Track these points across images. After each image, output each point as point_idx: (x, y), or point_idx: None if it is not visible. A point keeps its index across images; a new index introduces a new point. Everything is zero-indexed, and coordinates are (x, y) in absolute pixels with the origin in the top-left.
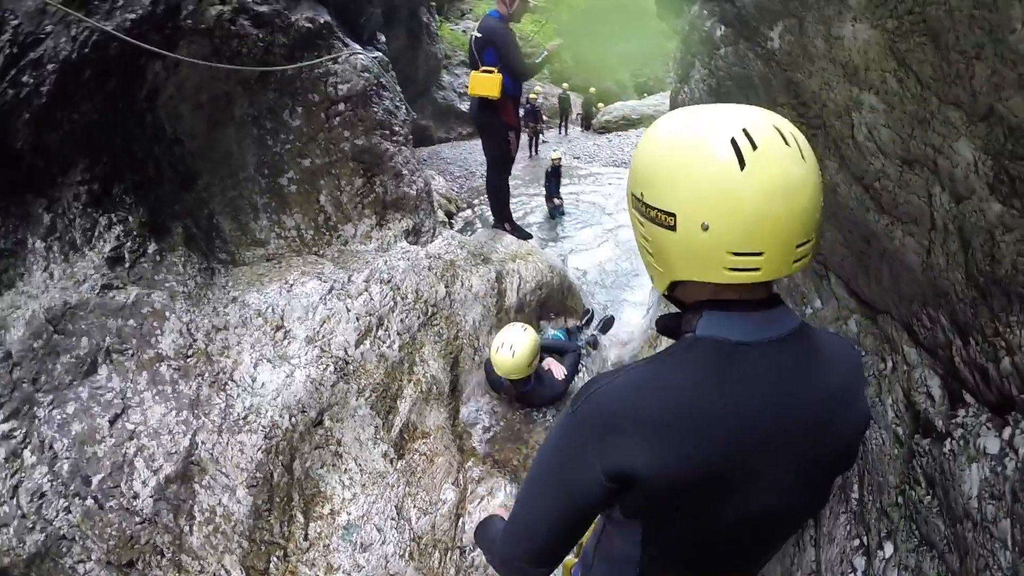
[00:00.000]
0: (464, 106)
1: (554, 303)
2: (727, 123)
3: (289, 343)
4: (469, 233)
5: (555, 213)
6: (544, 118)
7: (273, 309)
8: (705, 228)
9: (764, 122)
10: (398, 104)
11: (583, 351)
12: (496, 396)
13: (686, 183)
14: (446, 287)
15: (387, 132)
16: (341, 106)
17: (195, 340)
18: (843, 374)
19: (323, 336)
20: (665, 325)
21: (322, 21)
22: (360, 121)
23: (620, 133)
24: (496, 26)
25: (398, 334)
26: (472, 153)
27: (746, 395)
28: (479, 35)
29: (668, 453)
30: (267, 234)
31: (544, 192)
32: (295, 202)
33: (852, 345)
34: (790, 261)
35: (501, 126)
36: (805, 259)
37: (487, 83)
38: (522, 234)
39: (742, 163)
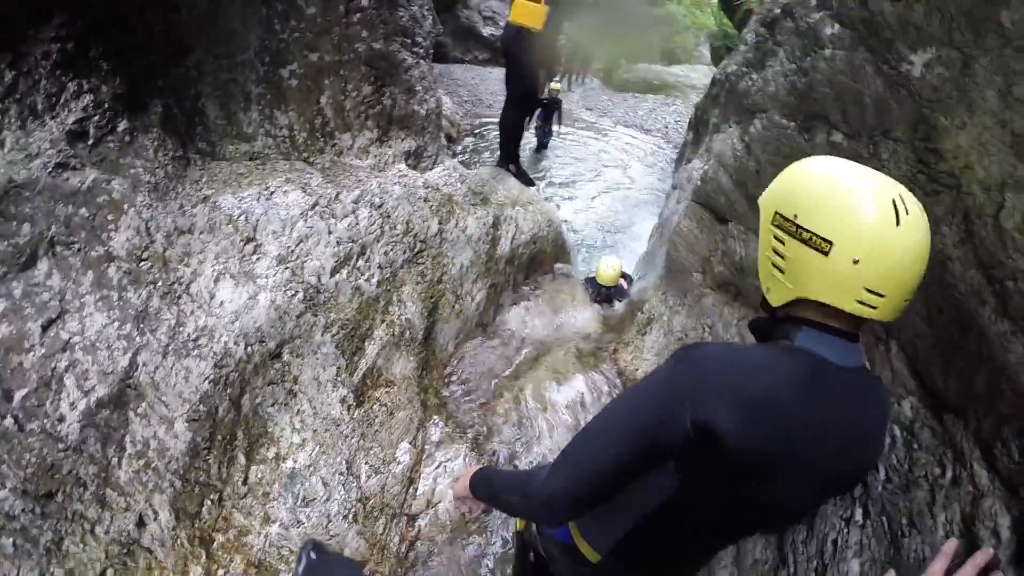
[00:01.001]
0: (486, 31)
1: (545, 258)
2: (888, 186)
3: (258, 259)
4: (471, 166)
5: (543, 143)
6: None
7: (247, 217)
8: (856, 262)
9: (910, 196)
10: (426, 13)
11: None
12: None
13: (851, 221)
14: (439, 223)
15: (408, 41)
16: (365, 1)
17: (153, 241)
18: (879, 418)
19: (297, 257)
20: (758, 327)
21: None
22: (382, 23)
23: (637, 95)
24: None
25: (379, 267)
26: (485, 80)
27: (824, 407)
28: None
29: (752, 428)
30: (256, 129)
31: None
32: (293, 98)
33: (886, 391)
34: (896, 311)
35: (533, 62)
36: (901, 314)
37: (532, 13)
38: (526, 180)
39: (898, 221)
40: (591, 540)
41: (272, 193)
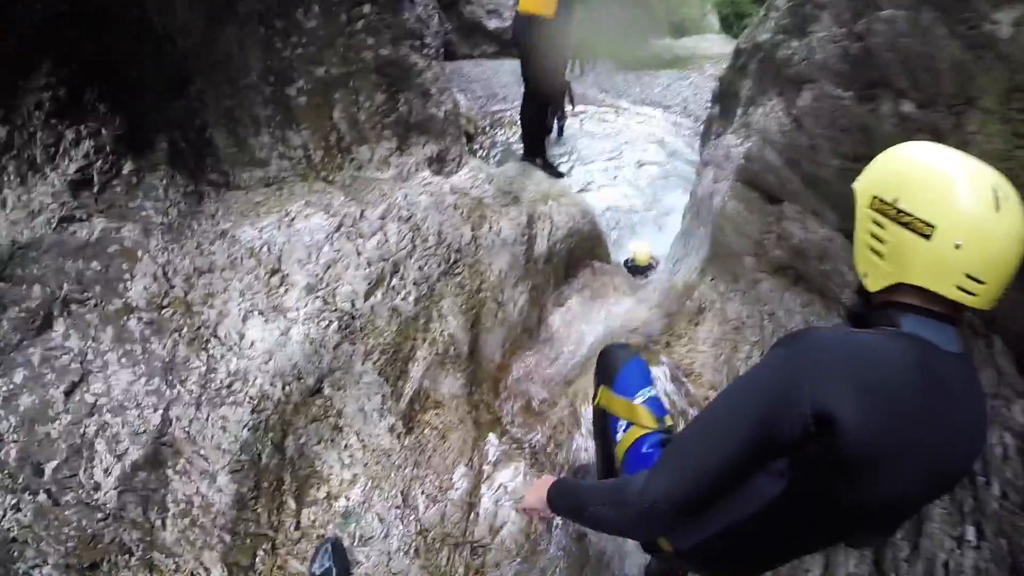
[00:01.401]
0: (492, 24)
1: (582, 252)
2: (985, 173)
3: (286, 291)
4: (494, 163)
5: (559, 128)
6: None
7: (269, 248)
8: (958, 247)
9: (1006, 183)
10: (432, 12)
11: None
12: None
13: (954, 205)
14: (472, 230)
15: (417, 43)
16: (367, 7)
17: (172, 286)
18: (983, 408)
19: (327, 284)
20: (855, 314)
21: None
22: (387, 27)
23: (651, 72)
24: None
25: (415, 284)
26: (496, 74)
27: (936, 393)
28: None
29: (873, 414)
30: (268, 153)
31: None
32: (304, 117)
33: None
34: (993, 299)
35: (549, 52)
36: (996, 303)
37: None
38: (554, 172)
39: (998, 207)
40: (668, 536)
41: (293, 219)
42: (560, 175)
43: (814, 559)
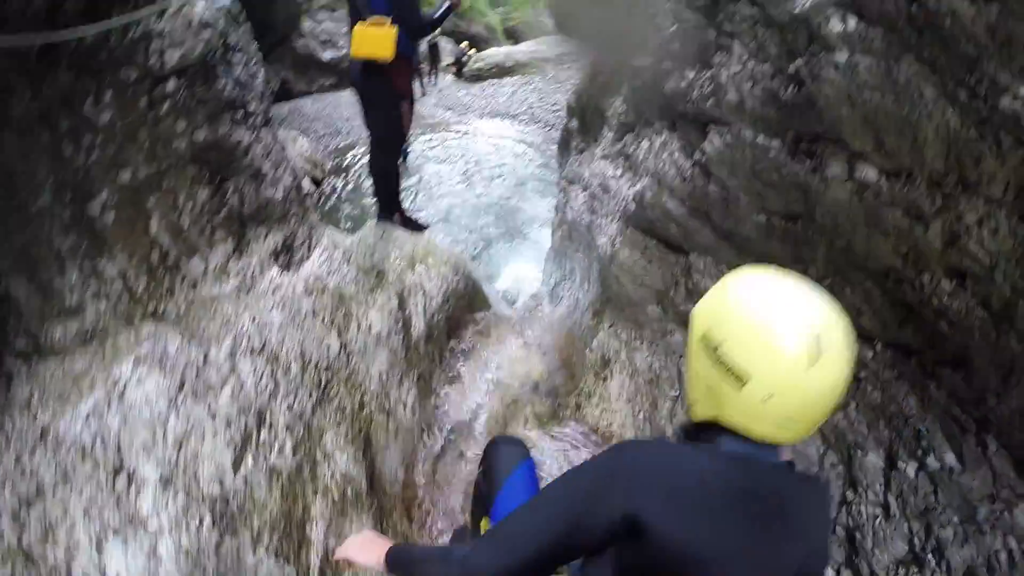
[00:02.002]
0: (327, 55)
1: (461, 310)
2: (814, 322)
3: (139, 493)
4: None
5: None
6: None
7: (103, 440)
8: (768, 399)
9: (837, 329)
10: (254, 68)
11: None
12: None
13: (770, 360)
14: (339, 336)
15: (240, 114)
16: (171, 84)
17: (1, 531)
18: (820, 516)
19: (184, 468)
20: (685, 431)
21: None
22: (200, 104)
23: (494, 81)
24: None
25: (287, 429)
26: (337, 108)
27: (753, 504)
28: None
29: (682, 523)
30: (80, 294)
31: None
32: (115, 238)
33: (824, 484)
34: (807, 434)
35: (392, 96)
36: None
37: (378, 40)
38: (415, 226)
39: (814, 362)
40: None
41: (124, 387)
42: (422, 228)
43: None
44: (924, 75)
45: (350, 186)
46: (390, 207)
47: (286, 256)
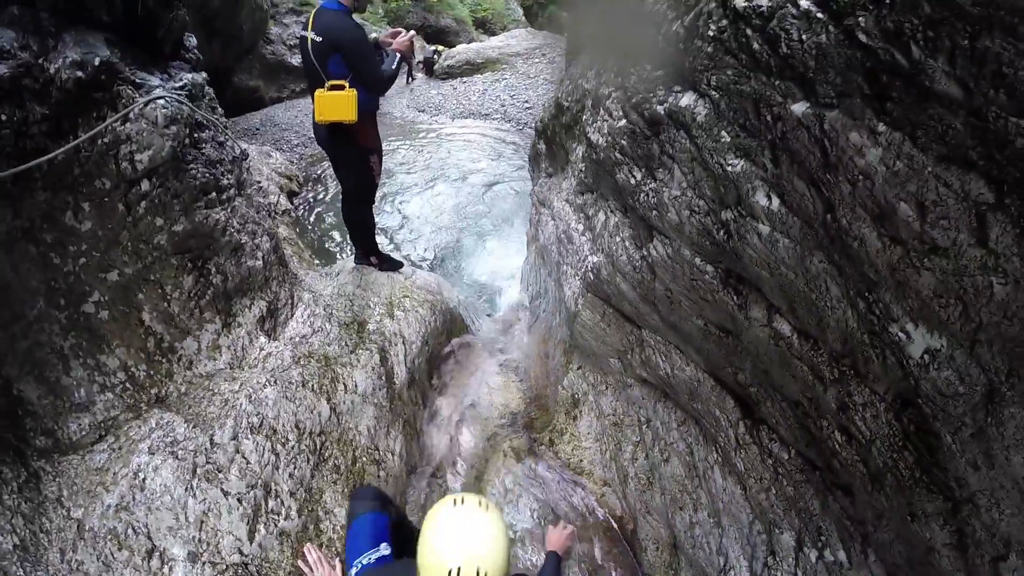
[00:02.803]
0: (296, 60)
1: (440, 346)
2: (455, 557)
3: (171, 571)
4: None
5: None
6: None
7: (134, 528)
8: None
9: (471, 564)
10: (221, 140)
11: None
12: None
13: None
14: (328, 400)
15: (213, 196)
16: (144, 184)
17: None
18: None
19: (207, 544)
20: None
21: (97, 62)
22: (175, 197)
23: (465, 79)
24: (341, 24)
25: (291, 495)
26: (308, 115)
27: None
28: (318, 39)
29: None
30: (88, 389)
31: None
32: (112, 333)
33: None
34: None
35: (361, 152)
36: None
37: (340, 105)
38: (392, 265)
39: None
40: None
41: (144, 479)
42: (398, 265)
43: None
44: (832, 275)
45: (328, 194)
46: (368, 251)
47: (271, 321)
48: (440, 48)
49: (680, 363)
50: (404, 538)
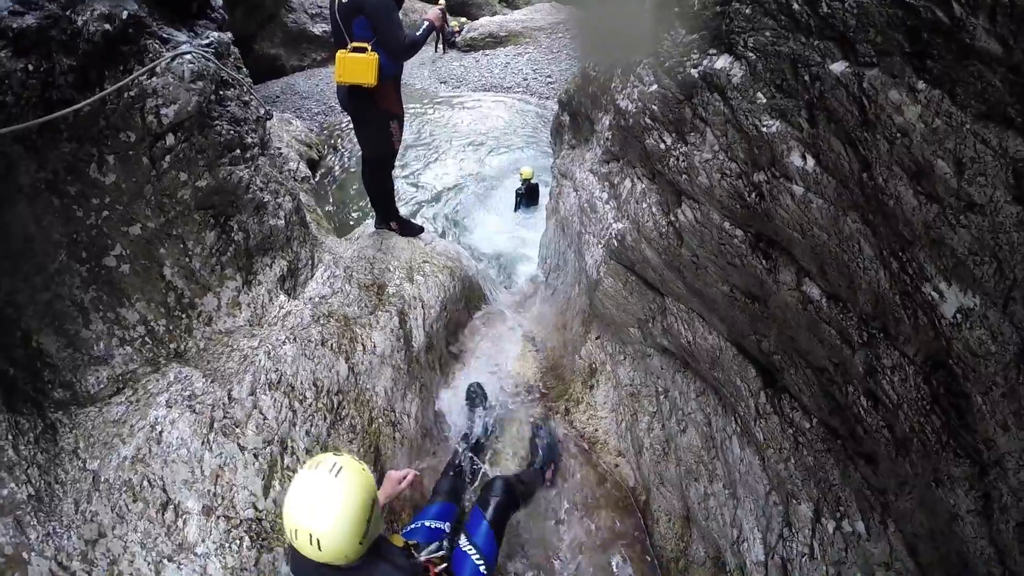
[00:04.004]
0: (318, 29)
1: (459, 313)
2: (292, 515)
3: (185, 524)
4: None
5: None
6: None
7: (149, 480)
8: None
9: (304, 528)
10: (246, 100)
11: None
12: None
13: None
14: (346, 360)
15: (237, 153)
16: (169, 138)
17: (73, 574)
18: None
19: (222, 498)
20: None
21: (125, 15)
22: (200, 152)
23: (488, 52)
24: None
25: (307, 452)
26: (330, 84)
27: None
28: (344, 0)
29: None
30: (107, 342)
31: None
32: (132, 287)
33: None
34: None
35: (381, 116)
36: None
37: (360, 67)
38: (412, 229)
39: (293, 539)
40: None
41: (161, 432)
42: (419, 230)
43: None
44: (866, 235)
45: (348, 164)
46: (387, 215)
47: (291, 280)
48: (463, 20)
49: (703, 331)
50: None
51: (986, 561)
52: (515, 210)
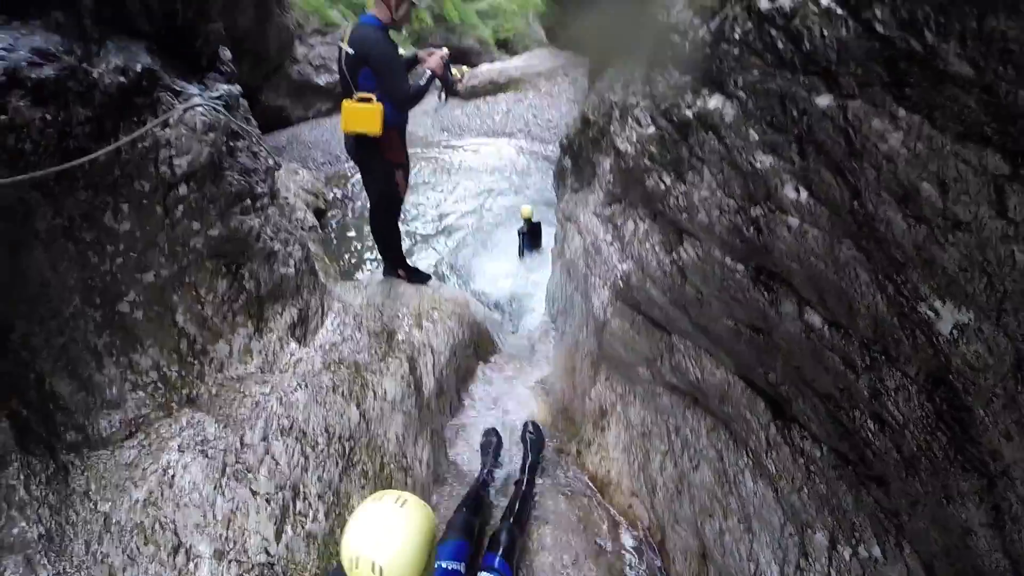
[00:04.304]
0: (322, 80)
1: (468, 359)
2: (354, 544)
3: (196, 568)
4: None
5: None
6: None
7: (161, 523)
8: None
9: (367, 556)
10: (256, 150)
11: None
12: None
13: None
14: (358, 407)
15: (248, 203)
16: (182, 188)
17: None
18: None
19: (234, 542)
20: None
21: (139, 68)
22: (212, 202)
23: (488, 98)
24: (374, 37)
25: (319, 498)
26: (335, 133)
27: None
28: (351, 51)
29: None
30: (119, 387)
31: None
32: (146, 332)
33: None
34: None
35: (386, 165)
36: None
37: (365, 117)
38: (420, 278)
39: (351, 569)
40: None
41: (173, 476)
42: (427, 278)
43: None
44: (861, 261)
45: (355, 214)
46: (394, 263)
47: (302, 328)
48: (464, 68)
49: (710, 367)
50: None
51: (1002, 573)
52: (520, 255)
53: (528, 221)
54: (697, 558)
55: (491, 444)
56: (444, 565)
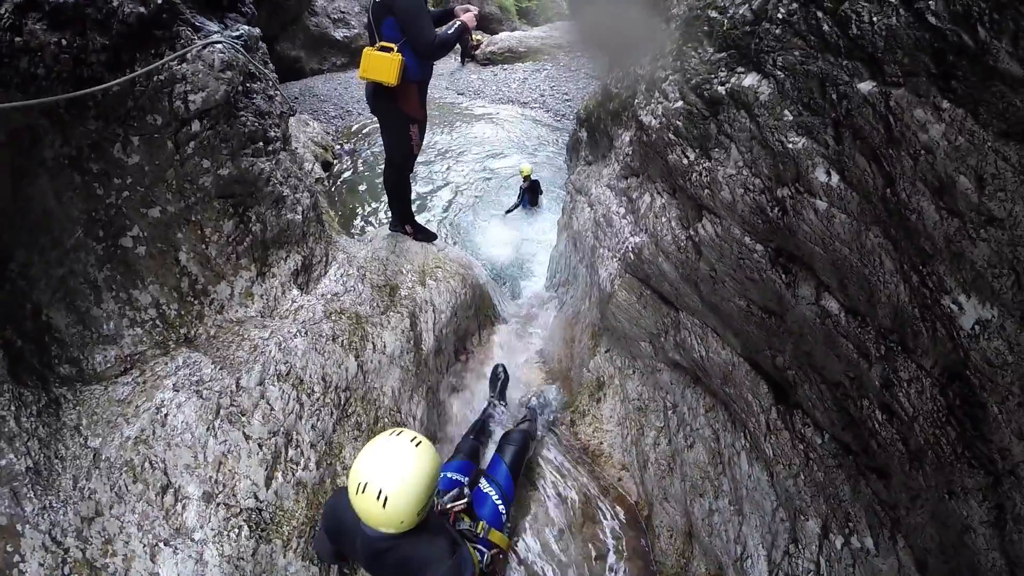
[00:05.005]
0: (339, 34)
1: (469, 321)
2: (364, 469)
3: (184, 509)
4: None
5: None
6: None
7: (151, 462)
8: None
9: (380, 482)
10: (271, 93)
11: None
12: None
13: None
14: (356, 357)
15: (260, 145)
16: (195, 125)
17: (67, 549)
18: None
19: (223, 485)
20: None
21: (160, 0)
22: (224, 142)
23: (506, 66)
24: None
25: (311, 446)
26: (348, 88)
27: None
28: (378, 0)
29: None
30: (117, 322)
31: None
32: (147, 269)
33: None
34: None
35: (401, 118)
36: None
37: (382, 66)
38: (426, 235)
39: (355, 494)
40: None
41: (165, 413)
42: (433, 236)
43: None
44: (887, 249)
45: (362, 166)
46: (402, 219)
47: (305, 275)
48: (481, 36)
49: (716, 346)
50: None
51: (997, 573)
52: (518, 206)
53: (527, 178)
54: (683, 536)
55: (498, 379)
56: (450, 475)
